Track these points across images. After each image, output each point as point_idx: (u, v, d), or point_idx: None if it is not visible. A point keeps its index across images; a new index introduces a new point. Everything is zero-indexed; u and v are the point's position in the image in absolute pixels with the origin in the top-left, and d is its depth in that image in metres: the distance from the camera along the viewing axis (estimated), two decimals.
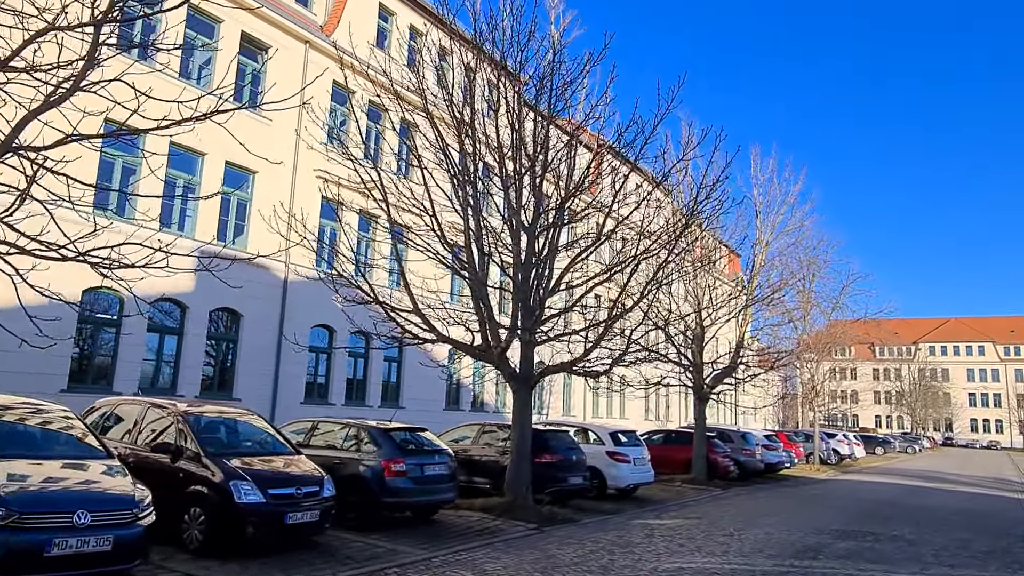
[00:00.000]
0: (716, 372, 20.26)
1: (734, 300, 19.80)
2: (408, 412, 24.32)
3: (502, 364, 12.26)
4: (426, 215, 12.06)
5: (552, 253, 12.54)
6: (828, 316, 37.06)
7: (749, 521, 13.36)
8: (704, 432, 20.03)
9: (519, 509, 11.87)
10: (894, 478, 28.84)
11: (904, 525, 13.94)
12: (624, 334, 13.84)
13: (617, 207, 12.14)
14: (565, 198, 12.71)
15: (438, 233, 12.15)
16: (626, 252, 13.07)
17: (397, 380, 25.82)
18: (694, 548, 10.25)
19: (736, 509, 15.28)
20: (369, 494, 10.20)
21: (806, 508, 16.12)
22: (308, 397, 21.78)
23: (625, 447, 16.06)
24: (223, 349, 19.55)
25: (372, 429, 10.70)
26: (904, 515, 15.69)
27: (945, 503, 19.08)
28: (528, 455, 12.48)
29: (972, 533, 13.46)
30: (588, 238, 13.59)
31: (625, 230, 13.17)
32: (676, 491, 18.19)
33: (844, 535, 12.11)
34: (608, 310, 12.36)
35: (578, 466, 14.13)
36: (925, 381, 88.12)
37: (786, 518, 14.07)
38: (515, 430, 12.50)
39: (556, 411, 34.66)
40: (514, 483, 12.26)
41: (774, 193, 20.33)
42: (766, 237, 20.36)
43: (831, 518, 14.41)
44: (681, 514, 14.11)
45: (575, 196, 12.61)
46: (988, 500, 21.08)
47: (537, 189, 12.48)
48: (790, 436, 31.43)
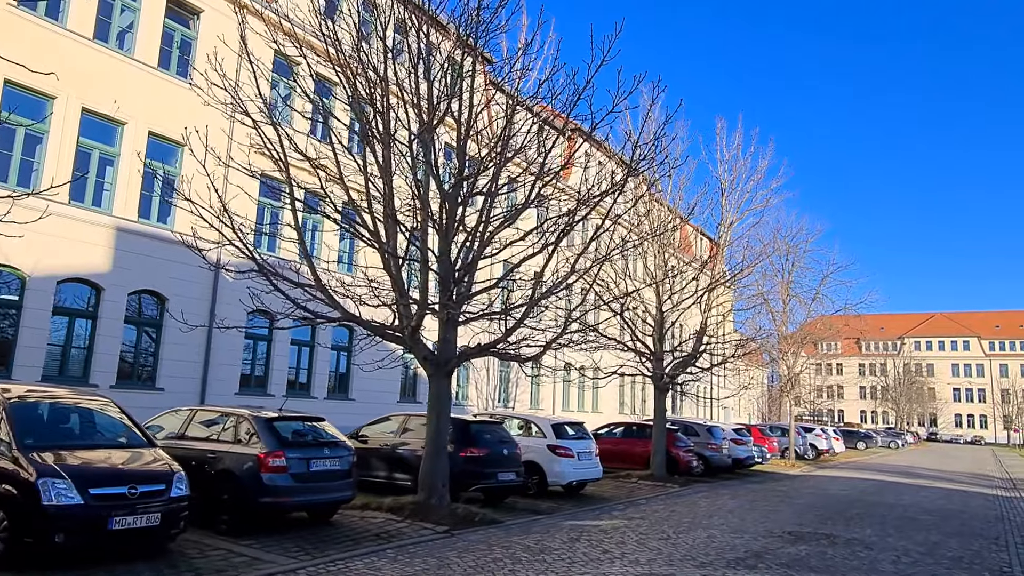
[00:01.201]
0: (677, 361, 18.95)
1: (693, 282, 18.47)
2: (358, 405, 22.92)
3: (414, 345, 10.89)
4: (331, 178, 10.67)
5: (483, 224, 11.17)
6: (808, 308, 35.93)
7: (696, 522, 12.07)
8: (664, 425, 18.74)
9: (432, 509, 10.52)
10: (870, 474, 27.70)
11: (868, 526, 12.69)
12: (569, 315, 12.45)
13: (546, 165, 10.77)
14: (495, 159, 11.36)
15: (345, 200, 10.76)
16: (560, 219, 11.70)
17: (347, 371, 24.43)
18: (618, 555, 8.92)
19: (688, 508, 13.99)
20: (243, 493, 8.82)
21: (766, 507, 14.85)
22: (244, 388, 20.33)
23: (569, 440, 14.73)
24: (145, 335, 18.07)
25: (253, 418, 9.30)
26: (871, 514, 14.46)
27: (918, 501, 17.89)
28: (445, 449, 11.12)
29: (941, 535, 12.22)
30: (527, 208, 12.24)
31: (566, 198, 11.78)
32: (629, 488, 16.89)
33: (797, 538, 10.83)
34: (533, 284, 10.99)
35: (510, 461, 12.79)
36: (910, 376, 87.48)
37: (740, 518, 12.79)
38: (431, 420, 11.14)
39: (523, 404, 33.29)
40: (428, 480, 10.91)
41: (740, 169, 19.08)
42: (731, 216, 19.09)
43: (789, 518, 13.15)
44: (624, 514, 12.81)
45: (503, 157, 11.22)
46: (964, 497, 19.91)
47: (460, 147, 11.10)
48: (763, 430, 30.27)
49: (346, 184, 10.64)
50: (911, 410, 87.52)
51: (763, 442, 27.70)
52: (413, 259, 11.14)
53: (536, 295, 10.85)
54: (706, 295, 18.79)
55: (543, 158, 10.94)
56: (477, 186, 11.47)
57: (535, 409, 34.04)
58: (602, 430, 21.61)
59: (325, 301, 10.75)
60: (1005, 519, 15.38)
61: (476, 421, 13.12)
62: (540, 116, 11.89)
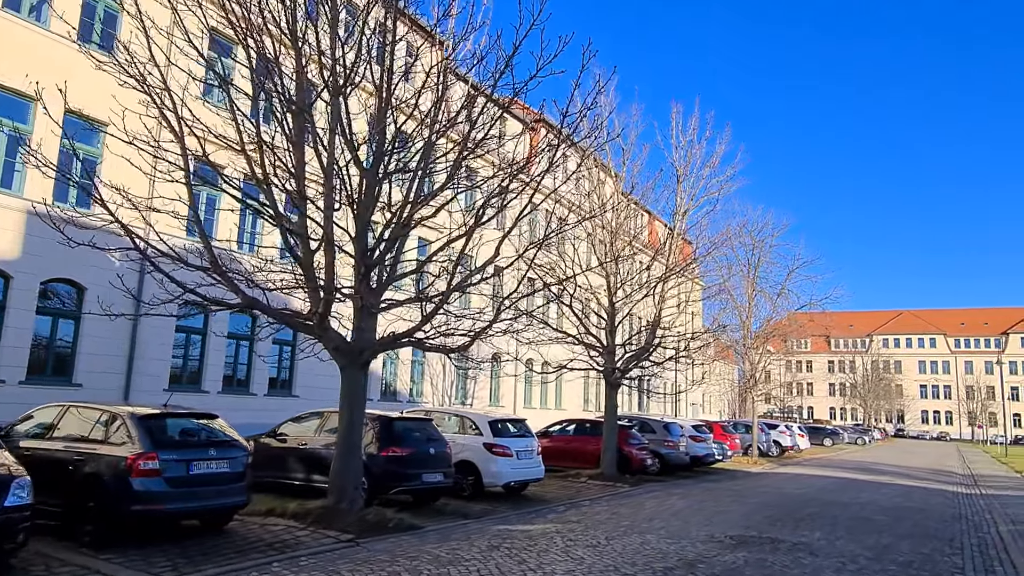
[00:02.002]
0: (629, 355, 18.13)
1: (646, 272, 17.69)
2: (303, 403, 21.64)
3: (323, 334, 9.89)
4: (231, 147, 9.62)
5: (411, 205, 10.21)
6: (774, 303, 35.46)
7: (634, 526, 11.23)
8: (614, 422, 17.91)
9: (340, 515, 9.54)
10: (832, 471, 27.24)
11: (818, 528, 11.96)
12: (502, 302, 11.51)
13: (472, 136, 9.83)
14: (422, 133, 10.43)
15: (249, 173, 9.72)
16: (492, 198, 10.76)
17: (290, 366, 23.29)
18: (534, 566, 8.03)
19: (632, 510, 13.17)
20: (109, 501, 7.76)
21: (716, 507, 14.09)
22: (175, 384, 19.14)
23: (508, 438, 13.82)
24: (61, 327, 16.80)
25: (127, 416, 8.23)
26: (824, 514, 13.77)
27: (876, 499, 17.29)
28: (358, 448, 10.15)
29: (894, 536, 11.53)
30: (458, 187, 11.30)
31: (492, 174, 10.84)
32: (577, 489, 16.04)
33: (739, 543, 10.04)
34: (452, 268, 10.02)
35: (438, 461, 11.85)
36: (878, 373, 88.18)
37: (684, 521, 11.98)
38: (342, 417, 10.16)
39: (482, 401, 32.34)
40: (338, 482, 9.92)
41: (696, 155, 18.30)
42: (686, 204, 18.32)
43: (737, 520, 12.38)
44: (561, 518, 11.93)
45: (432, 131, 10.26)
46: (924, 495, 19.40)
47: (379, 118, 10.12)
48: (726, 427, 29.68)
49: (248, 155, 9.60)
50: (879, 407, 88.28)
51: (724, 439, 27.09)
52: (330, 241, 10.10)
53: (456, 280, 9.91)
54: (660, 285, 18.01)
55: (469, 128, 10.00)
56: (404, 163, 10.53)
57: (495, 406, 33.11)
58: (554, 427, 20.76)
59: (222, 284, 9.70)
60: (963, 518, 14.81)
61: (402, 418, 12.16)
62: (474, 87, 10.95)
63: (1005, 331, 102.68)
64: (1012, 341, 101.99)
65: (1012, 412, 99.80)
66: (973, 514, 15.49)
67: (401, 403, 27.15)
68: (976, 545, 11.38)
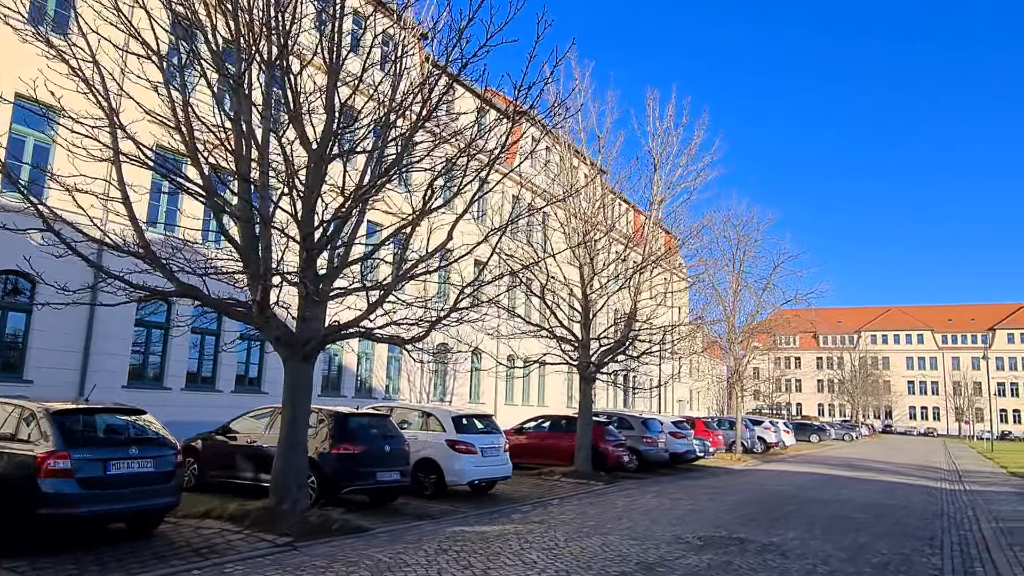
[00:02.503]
0: (604, 348, 17.56)
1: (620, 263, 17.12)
2: (272, 399, 20.92)
3: (263, 324, 9.25)
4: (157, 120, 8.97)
5: (370, 187, 9.59)
6: (759, 297, 35.01)
7: (599, 526, 10.66)
8: (589, 418, 17.34)
9: (281, 517, 8.92)
10: (816, 467, 26.81)
11: (793, 527, 11.44)
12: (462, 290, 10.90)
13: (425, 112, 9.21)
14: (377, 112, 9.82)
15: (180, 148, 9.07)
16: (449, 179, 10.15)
17: (259, 361, 22.60)
18: (480, 571, 7.43)
19: (600, 509, 12.61)
20: (16, 503, 7.11)
21: (690, 506, 13.56)
22: (135, 381, 18.45)
23: (472, 435, 13.22)
24: (9, 321, 16.08)
25: (41, 411, 7.57)
26: (802, 512, 13.26)
27: (857, 496, 16.82)
28: (302, 445, 9.52)
29: (871, 536, 11.02)
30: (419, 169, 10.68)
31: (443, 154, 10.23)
32: (548, 487, 15.47)
33: (706, 544, 9.49)
34: (399, 253, 9.41)
35: (394, 458, 11.24)
36: (866, 369, 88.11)
37: (652, 520, 11.43)
38: (285, 412, 9.53)
39: (461, 398, 31.72)
40: (280, 481, 9.30)
41: (672, 142, 17.72)
42: (662, 194, 17.73)
43: (709, 519, 11.85)
44: (525, 518, 11.35)
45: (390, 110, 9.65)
46: (906, 491, 18.96)
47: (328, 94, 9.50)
48: (709, 423, 29.19)
49: (182, 131, 8.95)
50: (867, 403, 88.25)
51: (707, 436, 26.62)
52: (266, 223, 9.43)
53: (407, 266, 9.30)
54: (636, 276, 17.43)
55: (422, 107, 9.39)
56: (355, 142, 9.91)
57: (476, 403, 32.49)
58: (529, 424, 20.18)
59: (154, 269, 9.04)
60: (945, 515, 14.35)
61: (357, 414, 11.53)
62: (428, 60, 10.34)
63: (992, 327, 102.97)
64: (999, 337, 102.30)
65: (999, 408, 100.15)
66: (956, 511, 15.03)
67: (376, 400, 26.47)
68: (957, 544, 10.89)
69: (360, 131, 9.96)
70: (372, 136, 10.18)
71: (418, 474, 13.00)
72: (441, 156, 10.16)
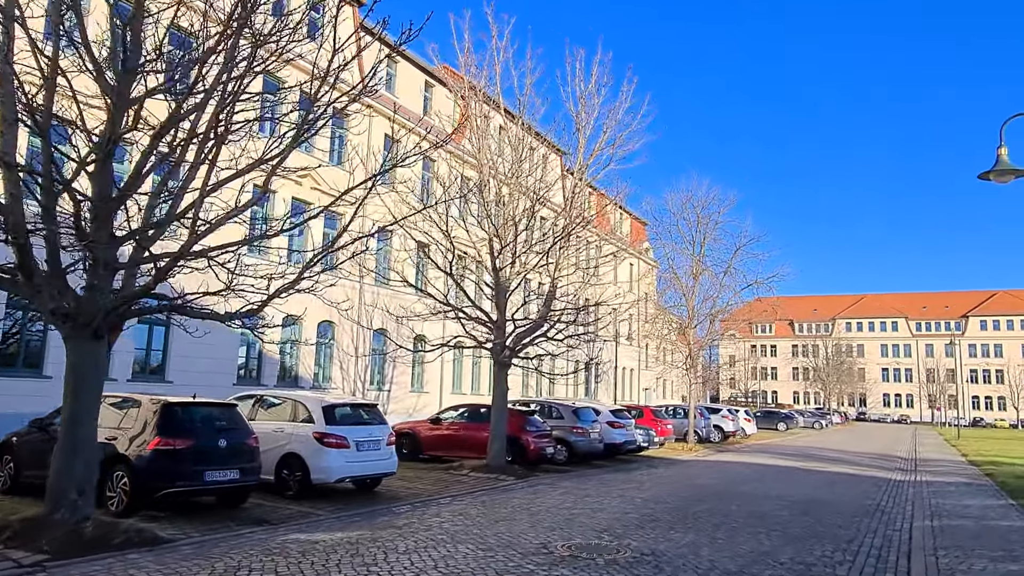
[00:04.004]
0: (521, 330, 16.06)
1: (536, 232, 15.58)
2: (177, 389, 19.23)
3: (35, 294, 7.63)
4: None
5: (210, 133, 7.98)
6: (720, 281, 33.69)
7: (465, 531, 9.18)
8: (503, 406, 15.86)
9: (49, 528, 7.32)
10: (768, 457, 25.57)
11: (696, 529, 10.03)
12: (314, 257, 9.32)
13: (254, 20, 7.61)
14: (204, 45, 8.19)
15: None
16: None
17: (163, 347, 20.88)
18: None
19: (487, 510, 11.13)
20: None
21: (595, 504, 12.13)
22: (8, 369, 16.81)
23: (345, 427, 11.66)
24: None
25: None
26: (718, 510, 11.87)
27: (791, 490, 15.50)
28: (86, 443, 7.89)
29: (782, 539, 9.64)
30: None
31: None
32: (448, 483, 13.99)
33: (572, 556, 8.02)
34: (198, 199, 7.78)
35: (232, 455, 9.66)
36: (840, 356, 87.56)
37: (533, 524, 9.97)
38: (65, 402, 7.91)
39: (403, 386, 30.17)
40: (56, 485, 7.68)
41: (595, 106, 16.15)
42: (585, 160, 16.18)
43: (604, 520, 10.40)
44: (388, 522, 9.84)
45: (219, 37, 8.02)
46: (850, 483, 17.69)
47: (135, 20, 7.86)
48: (657, 412, 27.85)
49: None
50: (841, 390, 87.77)
51: (654, 425, 25.29)
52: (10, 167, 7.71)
53: (217, 224, 7.70)
54: (555, 248, 15.86)
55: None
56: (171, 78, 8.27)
57: (418, 392, 30.96)
58: (446, 413, 18.69)
59: None
60: (881, 510, 13.06)
61: (187, 403, 9.92)
62: None
63: (965, 314, 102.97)
64: (972, 324, 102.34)
65: (971, 394, 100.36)
66: (894, 506, 13.74)
67: (303, 388, 24.88)
68: (877, 547, 9.55)
69: (181, 67, 8.34)
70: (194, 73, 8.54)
71: (283, 471, 11.48)
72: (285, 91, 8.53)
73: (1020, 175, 11.69)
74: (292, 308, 23.08)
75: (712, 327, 35.14)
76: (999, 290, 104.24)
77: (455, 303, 16.32)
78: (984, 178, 11.82)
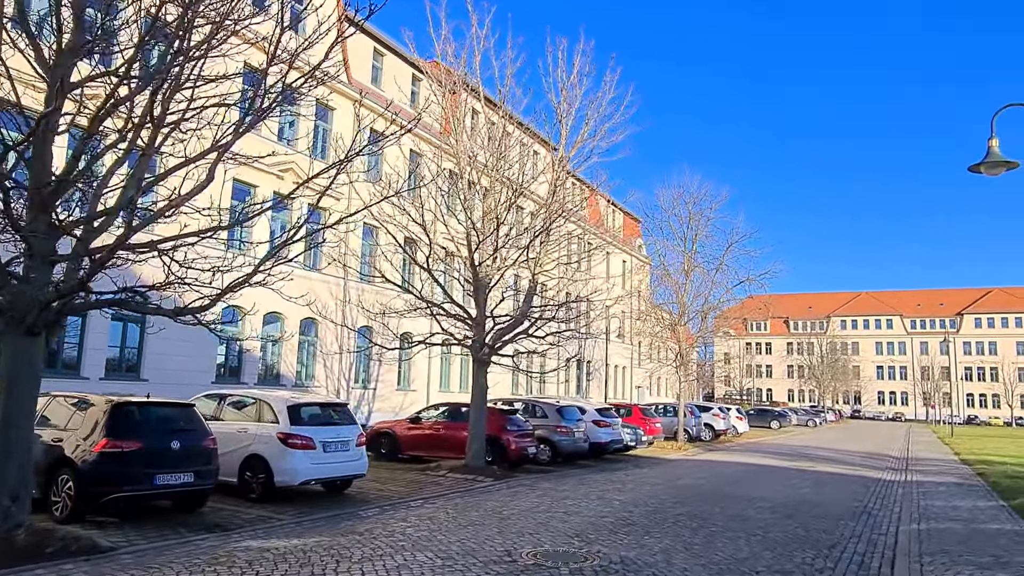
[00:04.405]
0: (501, 327, 15.63)
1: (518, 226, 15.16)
2: (152, 388, 18.69)
3: None
4: None
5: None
6: (711, 278, 33.31)
7: (429, 538, 8.76)
8: (483, 405, 15.43)
9: None
10: (757, 457, 25.21)
11: (671, 534, 9.63)
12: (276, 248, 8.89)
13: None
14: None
15: None
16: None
17: (139, 344, 20.41)
18: None
19: (457, 513, 10.71)
20: None
21: (568, 507, 11.73)
22: None
23: (312, 427, 11.23)
24: None
25: None
26: (697, 514, 11.47)
27: (778, 491, 15.11)
28: (20, 446, 7.43)
29: (762, 545, 9.25)
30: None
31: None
32: (423, 485, 13.56)
33: (535, 565, 7.60)
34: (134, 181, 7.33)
35: (185, 457, 9.21)
36: (835, 354, 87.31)
37: (500, 530, 9.55)
38: (2, 402, 7.46)
39: (388, 384, 29.72)
40: None
41: (576, 96, 15.72)
42: (568, 152, 15.71)
43: (576, 525, 10.00)
44: (351, 527, 9.41)
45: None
46: (838, 484, 17.31)
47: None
48: (646, 410, 27.46)
49: None
50: (835, 388, 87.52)
51: (642, 424, 24.90)
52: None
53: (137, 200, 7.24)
54: (537, 243, 15.41)
55: None
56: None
57: (405, 391, 30.50)
58: (427, 412, 18.27)
59: None
60: (867, 512, 12.68)
61: (138, 402, 9.47)
62: None
63: (960, 312, 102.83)
64: (967, 322, 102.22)
65: (966, 392, 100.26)
66: (881, 508, 13.37)
67: (285, 387, 24.43)
68: (861, 553, 9.16)
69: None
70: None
71: (246, 473, 11.04)
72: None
73: (1011, 167, 11.32)
74: (273, 305, 22.69)
75: (704, 324, 34.77)
76: (994, 287, 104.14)
77: (436, 299, 15.87)
78: (975, 170, 11.44)
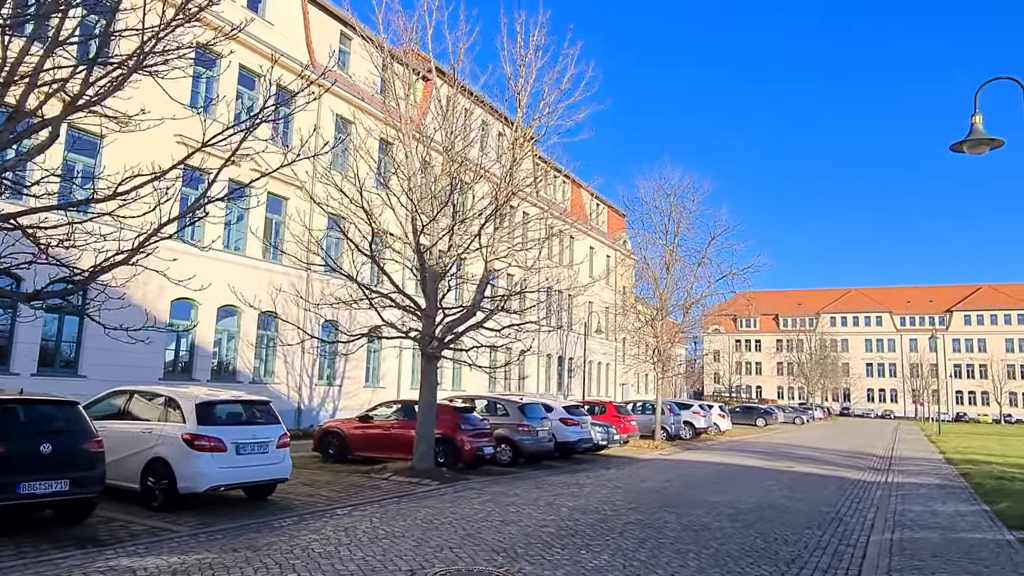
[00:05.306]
0: (451, 319, 14.56)
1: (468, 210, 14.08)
2: (91, 385, 17.50)
3: None
4: None
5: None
6: (694, 272, 32.34)
7: (333, 554, 7.71)
8: (432, 402, 14.36)
9: None
10: (735, 456, 24.26)
11: (613, 547, 8.61)
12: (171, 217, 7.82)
13: None
14: None
15: None
16: None
17: (77, 337, 19.25)
18: None
19: (381, 521, 9.66)
20: None
21: (509, 515, 10.69)
22: None
23: (224, 427, 10.14)
24: None
25: None
26: (650, 521, 10.45)
27: (747, 494, 14.13)
28: None
29: (711, 559, 8.24)
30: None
31: None
32: (361, 489, 12.50)
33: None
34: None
35: (59, 462, 8.09)
36: (824, 351, 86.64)
37: (418, 543, 8.51)
38: None
39: (356, 381, 28.61)
40: None
41: (532, 72, 14.67)
42: (525, 128, 14.66)
43: (511, 536, 8.97)
44: (250, 541, 8.35)
45: None
46: (813, 486, 16.34)
47: None
48: (621, 408, 26.46)
49: None
50: (824, 385, 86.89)
51: (616, 422, 23.91)
52: None
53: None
54: (491, 228, 14.32)
55: None
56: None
57: (374, 387, 29.42)
58: (379, 409, 17.20)
59: None
60: (839, 519, 11.71)
61: (8, 400, 8.36)
62: None
63: (949, 309, 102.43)
64: (956, 319, 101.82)
65: (955, 389, 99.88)
66: (855, 514, 12.41)
67: (241, 384, 23.31)
68: (823, 569, 8.17)
69: None
70: None
71: (148, 479, 9.95)
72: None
73: (996, 146, 10.38)
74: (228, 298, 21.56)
75: (686, 319, 33.82)
76: (983, 284, 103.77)
77: (383, 289, 14.80)
78: (957, 149, 10.51)
